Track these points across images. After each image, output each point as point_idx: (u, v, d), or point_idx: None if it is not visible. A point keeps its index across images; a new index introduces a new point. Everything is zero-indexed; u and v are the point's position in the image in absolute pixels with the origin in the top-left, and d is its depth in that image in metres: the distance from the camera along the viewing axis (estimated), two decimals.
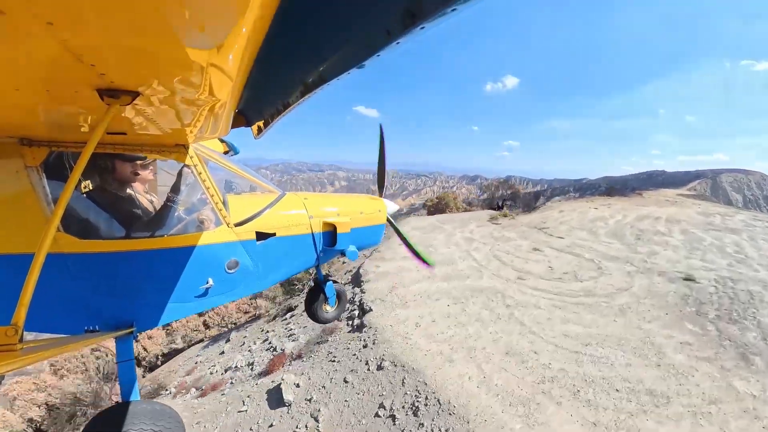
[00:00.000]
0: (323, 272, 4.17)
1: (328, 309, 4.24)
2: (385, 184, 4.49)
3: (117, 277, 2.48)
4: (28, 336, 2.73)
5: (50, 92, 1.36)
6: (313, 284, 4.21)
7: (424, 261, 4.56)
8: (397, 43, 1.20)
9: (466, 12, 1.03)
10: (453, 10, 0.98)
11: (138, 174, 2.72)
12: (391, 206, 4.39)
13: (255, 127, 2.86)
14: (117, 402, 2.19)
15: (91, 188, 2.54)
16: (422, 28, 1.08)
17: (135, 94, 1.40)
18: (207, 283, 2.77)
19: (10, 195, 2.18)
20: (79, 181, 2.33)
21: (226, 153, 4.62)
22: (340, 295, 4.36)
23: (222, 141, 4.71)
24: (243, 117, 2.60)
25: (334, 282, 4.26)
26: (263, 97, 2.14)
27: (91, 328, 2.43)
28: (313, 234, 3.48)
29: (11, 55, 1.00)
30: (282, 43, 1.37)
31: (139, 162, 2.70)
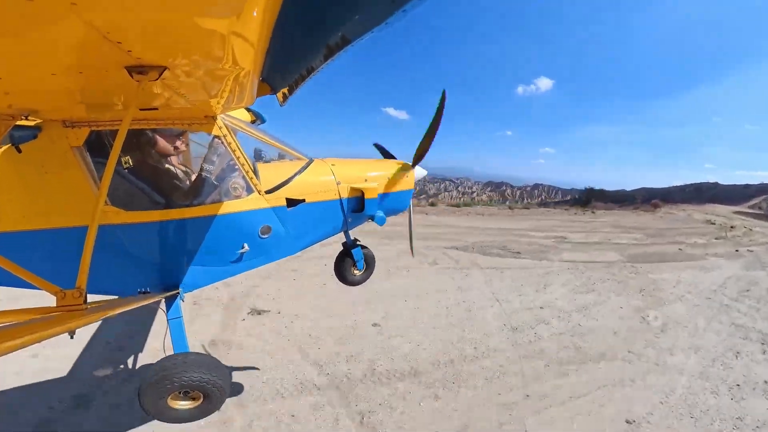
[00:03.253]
0: (352, 237, 4.24)
1: (356, 272, 4.36)
2: (425, 156, 4.11)
3: (161, 244, 2.67)
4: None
5: (83, 74, 1.40)
6: (342, 249, 4.30)
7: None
8: None
9: None
10: None
11: (176, 147, 2.82)
12: (419, 171, 4.30)
13: (280, 95, 2.84)
14: (170, 354, 2.42)
15: (131, 163, 2.67)
16: None
17: (162, 69, 1.42)
18: (242, 248, 2.92)
19: (60, 175, 2.35)
20: (120, 157, 2.46)
21: (253, 122, 4.66)
22: (368, 259, 4.46)
23: (249, 110, 4.73)
24: (268, 85, 2.58)
25: (363, 247, 4.34)
26: (286, 63, 2.10)
27: (143, 290, 2.67)
28: (341, 199, 3.52)
29: (43, 41, 1.03)
30: (302, 4, 1.31)
31: (173, 135, 2.79)
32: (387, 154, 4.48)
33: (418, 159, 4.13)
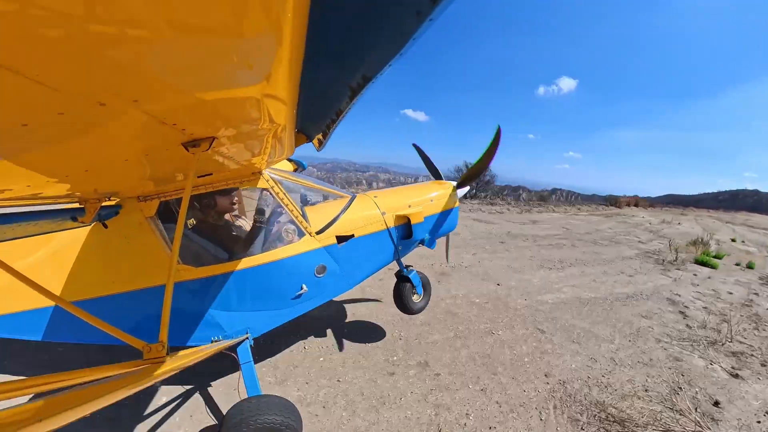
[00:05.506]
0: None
1: (416, 299, 4.32)
2: (440, 172, 4.63)
3: (227, 294, 2.87)
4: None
5: (149, 155, 1.63)
6: (396, 279, 4.30)
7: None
8: (430, 20, 1.17)
9: None
10: None
11: (233, 203, 3.09)
12: (460, 189, 4.29)
13: (316, 141, 3.03)
14: (245, 398, 2.52)
15: (195, 224, 2.95)
16: None
17: (212, 139, 1.60)
18: (301, 289, 3.04)
19: (139, 242, 2.66)
20: (186, 220, 2.74)
21: (295, 170, 4.97)
22: (425, 284, 4.40)
23: (290, 160, 5.08)
24: (303, 134, 2.78)
25: (418, 272, 4.31)
26: (316, 111, 2.25)
27: (215, 338, 2.85)
28: (388, 229, 3.58)
29: (116, 134, 1.22)
30: (320, 55, 1.43)
31: (227, 193, 3.07)
32: (425, 156, 4.67)
33: (463, 183, 4.25)
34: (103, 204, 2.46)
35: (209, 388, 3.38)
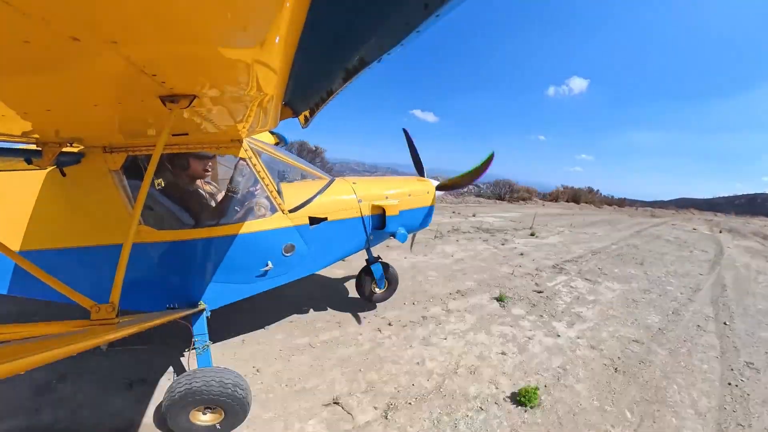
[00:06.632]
0: (374, 254, 4.26)
1: (377, 290, 4.36)
2: (423, 167, 4.53)
3: (189, 261, 2.77)
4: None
5: (122, 104, 1.52)
6: (363, 267, 4.32)
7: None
8: (437, 16, 1.15)
9: None
10: None
11: (206, 170, 2.97)
12: (439, 191, 4.32)
13: (302, 117, 2.94)
14: (194, 369, 2.46)
15: (163, 185, 2.82)
16: None
17: (192, 98, 1.51)
18: (267, 265, 2.99)
19: (99, 196, 2.51)
20: (153, 180, 2.60)
21: (277, 144, 4.84)
22: (390, 278, 4.44)
23: (272, 133, 4.93)
24: (290, 108, 2.69)
25: (384, 264, 4.33)
26: (307, 87, 2.18)
27: (171, 306, 2.75)
28: (362, 217, 3.57)
29: (87, 75, 1.13)
30: (320, 31, 1.37)
31: (202, 158, 2.94)
32: (413, 147, 4.51)
33: (445, 187, 4.26)
34: (64, 150, 2.29)
35: None
